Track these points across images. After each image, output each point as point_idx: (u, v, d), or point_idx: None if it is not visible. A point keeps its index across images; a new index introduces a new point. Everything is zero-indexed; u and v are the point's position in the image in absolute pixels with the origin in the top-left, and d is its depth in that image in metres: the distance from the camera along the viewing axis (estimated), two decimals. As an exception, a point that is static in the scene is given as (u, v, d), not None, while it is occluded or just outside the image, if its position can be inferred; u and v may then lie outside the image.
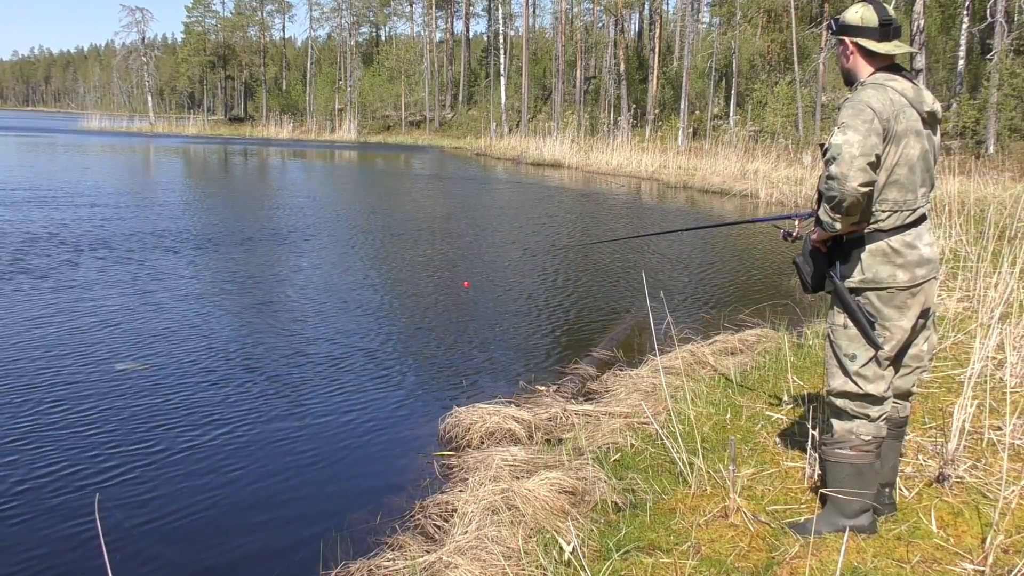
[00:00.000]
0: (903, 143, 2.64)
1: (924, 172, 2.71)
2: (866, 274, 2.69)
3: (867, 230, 2.68)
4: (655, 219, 15.47)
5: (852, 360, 2.74)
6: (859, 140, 2.53)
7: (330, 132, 55.83)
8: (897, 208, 2.66)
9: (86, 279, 8.21)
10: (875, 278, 2.68)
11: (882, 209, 2.66)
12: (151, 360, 5.73)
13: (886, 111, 2.60)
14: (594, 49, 51.63)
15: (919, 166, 2.68)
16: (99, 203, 14.62)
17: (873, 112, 2.57)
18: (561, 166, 29.89)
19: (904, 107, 2.64)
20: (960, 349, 5.18)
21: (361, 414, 4.92)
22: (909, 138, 2.65)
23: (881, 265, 2.67)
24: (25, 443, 4.27)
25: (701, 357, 5.48)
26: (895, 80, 2.68)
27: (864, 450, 2.79)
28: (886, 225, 2.67)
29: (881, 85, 2.66)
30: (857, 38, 2.71)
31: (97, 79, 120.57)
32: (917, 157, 2.67)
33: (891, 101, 2.62)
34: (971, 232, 8.24)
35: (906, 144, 2.64)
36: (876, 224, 2.68)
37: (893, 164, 2.64)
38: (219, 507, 3.71)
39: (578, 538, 2.93)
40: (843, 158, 2.53)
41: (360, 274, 9.20)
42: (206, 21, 67.55)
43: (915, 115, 2.67)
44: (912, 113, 2.66)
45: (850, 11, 2.76)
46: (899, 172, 2.65)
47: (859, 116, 2.57)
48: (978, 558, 2.72)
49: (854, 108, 2.60)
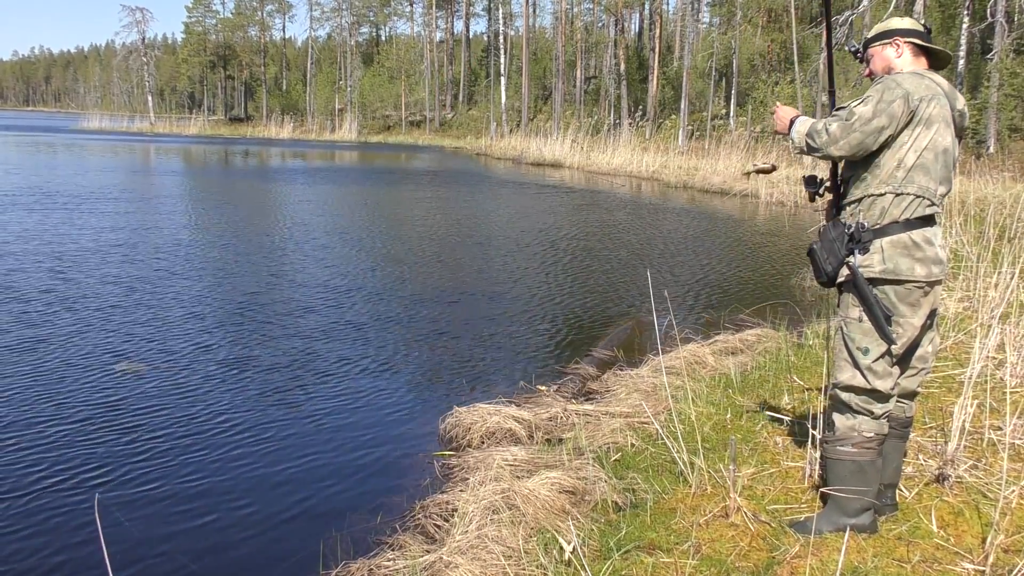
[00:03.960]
0: (935, 128, 2.67)
1: (945, 168, 2.72)
2: (887, 264, 2.68)
3: (886, 221, 2.69)
4: (656, 218, 15.47)
5: (865, 354, 2.74)
6: (867, 117, 2.62)
7: (330, 132, 55.82)
8: (921, 194, 2.67)
9: (86, 279, 8.21)
10: (895, 269, 2.68)
11: (908, 192, 2.67)
12: (151, 360, 5.73)
13: (919, 92, 2.65)
14: (594, 49, 51.63)
15: (942, 159, 2.70)
16: (99, 204, 14.63)
17: (903, 90, 2.63)
18: (561, 166, 29.88)
19: (939, 95, 2.70)
20: (960, 349, 5.18)
21: (361, 414, 4.93)
22: (940, 125, 2.68)
23: (902, 258, 2.67)
24: (25, 443, 4.27)
25: (701, 357, 5.48)
26: (934, 74, 2.79)
27: (866, 447, 2.79)
28: (906, 214, 2.67)
29: (920, 74, 2.75)
30: (909, 38, 2.82)
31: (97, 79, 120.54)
32: (943, 149, 2.69)
33: (927, 86, 2.68)
34: (971, 232, 8.24)
35: (937, 131, 2.67)
36: (896, 212, 2.68)
37: (923, 147, 2.66)
38: (219, 507, 3.70)
39: (578, 538, 2.93)
40: (845, 125, 2.65)
41: (360, 274, 9.20)
42: (206, 21, 67.62)
43: (948, 107, 2.72)
44: (946, 103, 2.72)
45: (892, 20, 2.90)
46: (927, 157, 2.67)
47: (883, 95, 2.64)
48: (978, 558, 2.72)
49: (885, 84, 2.68)
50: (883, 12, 23.68)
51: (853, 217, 2.78)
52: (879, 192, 2.70)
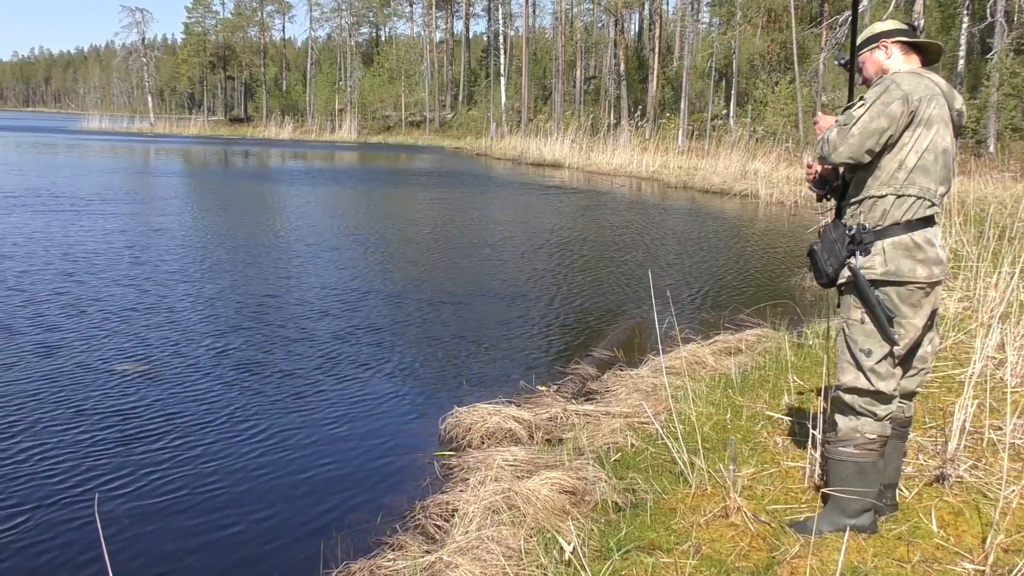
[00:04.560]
0: (934, 129, 2.67)
1: (944, 168, 2.71)
2: (889, 266, 2.68)
3: (887, 222, 2.69)
4: (656, 218, 15.46)
5: (868, 356, 2.73)
6: (865, 121, 2.62)
7: (330, 133, 55.79)
8: (922, 195, 2.67)
9: (85, 279, 8.21)
10: (897, 271, 2.67)
11: (909, 193, 2.66)
12: (151, 361, 5.73)
13: (918, 92, 2.64)
14: (594, 49, 51.64)
15: (942, 160, 2.69)
16: (104, 206, 14.63)
17: (901, 92, 2.63)
18: (561, 166, 29.87)
19: (938, 95, 2.70)
20: (960, 349, 5.18)
21: (361, 414, 4.93)
22: (939, 125, 2.68)
23: (903, 259, 2.67)
24: (26, 443, 4.26)
25: (701, 357, 5.48)
26: (931, 73, 2.77)
27: (868, 448, 2.79)
28: (907, 216, 2.67)
29: (918, 74, 2.74)
30: (895, 38, 2.82)
31: (97, 80, 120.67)
32: (942, 150, 2.69)
33: (926, 86, 2.68)
34: (971, 232, 8.24)
35: (937, 131, 2.67)
36: (897, 214, 2.67)
37: (923, 148, 2.65)
38: (219, 507, 3.70)
39: (578, 538, 2.93)
40: (844, 130, 2.66)
41: (360, 275, 9.20)
42: (206, 22, 67.67)
43: (946, 107, 2.72)
44: (945, 103, 2.72)
45: (875, 25, 2.90)
46: (927, 158, 2.66)
47: (882, 96, 2.64)
48: (978, 558, 2.72)
49: (882, 85, 2.68)
50: (883, 12, 23.69)
51: (854, 218, 2.77)
52: (880, 194, 2.70)
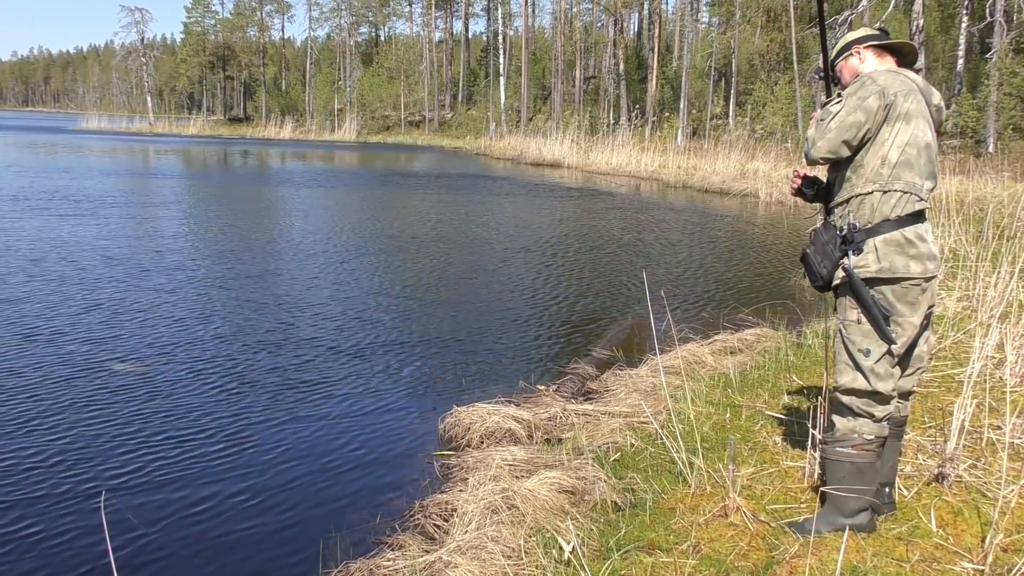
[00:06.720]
0: (914, 123, 2.67)
1: (929, 163, 2.72)
2: (882, 263, 2.67)
3: (877, 220, 2.68)
4: (656, 218, 15.46)
5: (866, 356, 2.73)
6: (842, 115, 2.66)
7: (330, 132, 55.82)
8: (908, 190, 2.66)
9: (85, 280, 8.21)
10: (891, 268, 2.66)
11: (895, 189, 2.66)
12: (151, 361, 5.73)
13: (894, 87, 2.66)
14: (593, 49, 51.63)
15: (925, 154, 2.69)
16: (107, 208, 14.62)
17: (877, 86, 2.65)
18: (561, 166, 29.88)
19: (915, 91, 2.71)
20: (960, 348, 5.18)
21: (361, 414, 4.93)
22: (919, 120, 2.69)
23: (896, 256, 2.66)
24: (26, 443, 4.27)
25: (700, 357, 5.48)
26: (907, 71, 2.80)
27: (866, 449, 2.79)
28: (896, 211, 2.66)
29: (894, 71, 2.77)
30: (866, 43, 2.86)
31: (96, 79, 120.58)
32: (925, 144, 2.69)
33: (902, 82, 2.70)
34: (970, 231, 8.24)
35: (917, 126, 2.68)
36: (886, 210, 2.67)
37: (905, 142, 2.66)
38: (220, 507, 3.71)
39: (578, 537, 2.93)
40: (822, 125, 2.70)
41: (360, 275, 9.20)
42: (205, 21, 67.70)
43: (924, 103, 2.73)
44: (922, 99, 2.73)
45: (847, 35, 2.95)
46: (910, 152, 2.66)
47: (858, 91, 2.67)
48: (977, 557, 2.72)
49: (859, 82, 2.71)
50: (882, 12, 23.69)
51: (843, 219, 2.77)
52: (866, 191, 2.69)
